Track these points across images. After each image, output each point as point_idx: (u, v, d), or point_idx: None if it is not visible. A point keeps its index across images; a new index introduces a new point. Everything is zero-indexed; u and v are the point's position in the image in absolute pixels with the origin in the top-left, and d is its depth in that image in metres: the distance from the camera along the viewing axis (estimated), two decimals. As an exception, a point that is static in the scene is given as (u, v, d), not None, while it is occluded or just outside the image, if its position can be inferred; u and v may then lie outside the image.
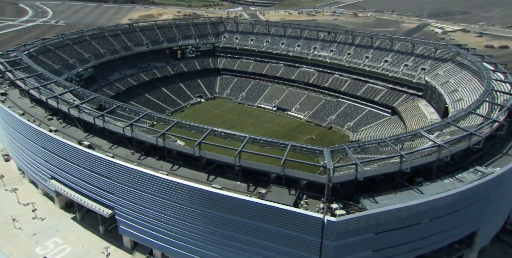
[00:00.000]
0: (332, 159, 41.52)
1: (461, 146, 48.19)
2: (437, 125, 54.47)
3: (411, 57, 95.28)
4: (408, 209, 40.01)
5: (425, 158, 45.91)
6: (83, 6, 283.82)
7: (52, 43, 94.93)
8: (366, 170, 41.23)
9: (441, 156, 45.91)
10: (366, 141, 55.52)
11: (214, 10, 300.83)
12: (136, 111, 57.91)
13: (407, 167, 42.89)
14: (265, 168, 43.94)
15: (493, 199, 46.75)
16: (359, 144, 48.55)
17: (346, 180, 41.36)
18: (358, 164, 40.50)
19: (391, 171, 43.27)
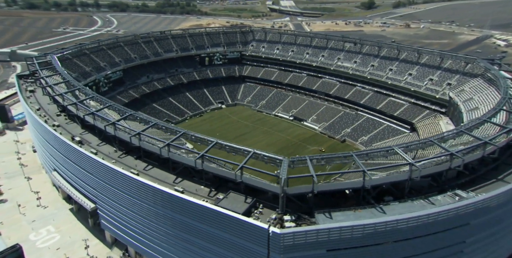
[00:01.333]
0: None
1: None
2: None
3: (437, 71, 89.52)
4: (364, 228, 37.70)
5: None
6: (143, 17, 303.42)
7: (88, 48, 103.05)
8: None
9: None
10: (374, 149, 53.66)
11: (261, 20, 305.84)
12: (146, 120, 56.62)
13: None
14: (225, 174, 43.82)
15: (477, 228, 42.27)
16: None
17: (301, 192, 40.01)
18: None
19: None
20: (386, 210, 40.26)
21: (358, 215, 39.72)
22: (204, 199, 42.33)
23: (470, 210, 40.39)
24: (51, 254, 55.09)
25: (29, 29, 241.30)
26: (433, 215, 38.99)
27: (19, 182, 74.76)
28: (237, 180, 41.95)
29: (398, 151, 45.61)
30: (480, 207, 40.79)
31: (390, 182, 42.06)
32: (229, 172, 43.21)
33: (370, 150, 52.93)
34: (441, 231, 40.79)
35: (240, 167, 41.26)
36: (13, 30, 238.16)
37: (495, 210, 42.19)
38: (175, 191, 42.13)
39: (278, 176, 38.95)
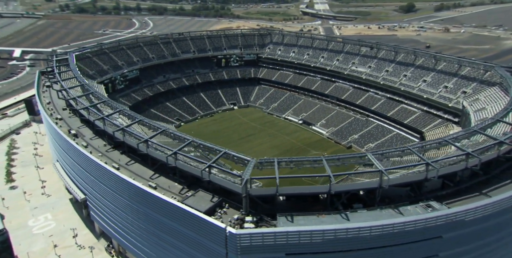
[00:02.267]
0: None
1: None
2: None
3: (453, 78, 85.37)
4: (324, 234, 36.81)
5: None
6: (178, 20, 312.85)
7: (108, 47, 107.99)
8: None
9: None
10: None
11: (292, 23, 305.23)
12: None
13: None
14: (194, 172, 44.27)
15: (451, 242, 39.97)
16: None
17: (265, 193, 39.75)
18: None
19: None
20: (351, 217, 39.17)
21: (320, 221, 38.93)
22: (173, 196, 43.10)
23: (441, 223, 38.35)
24: (43, 240, 58.16)
25: (74, 31, 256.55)
26: (399, 225, 37.45)
27: (31, 171, 79.62)
28: (204, 178, 42.35)
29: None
30: (453, 221, 38.57)
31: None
32: (197, 170, 43.64)
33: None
34: (411, 242, 39.14)
35: (208, 165, 41.66)
36: (60, 32, 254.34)
37: (472, 225, 39.63)
38: (145, 186, 43.15)
39: (240, 176, 38.98)
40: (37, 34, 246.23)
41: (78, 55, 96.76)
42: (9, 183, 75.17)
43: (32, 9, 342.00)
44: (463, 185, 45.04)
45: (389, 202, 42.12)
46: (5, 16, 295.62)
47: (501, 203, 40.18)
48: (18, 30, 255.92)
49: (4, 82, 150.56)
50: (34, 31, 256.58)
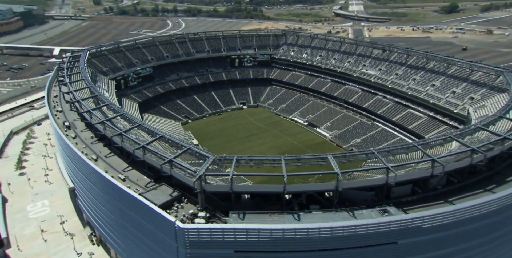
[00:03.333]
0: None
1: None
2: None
3: (463, 83, 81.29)
4: (271, 233, 36.85)
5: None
6: (210, 21, 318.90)
7: (124, 46, 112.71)
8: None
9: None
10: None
11: (321, 25, 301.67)
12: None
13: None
14: (157, 166, 45.37)
15: (408, 248, 38.88)
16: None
17: (219, 190, 40.21)
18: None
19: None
20: (303, 217, 39.01)
21: (271, 220, 38.94)
22: (137, 188, 44.55)
23: (395, 228, 37.28)
24: (35, 225, 61.92)
25: (112, 32, 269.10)
26: (350, 228, 36.90)
27: (41, 159, 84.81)
28: (166, 172, 43.49)
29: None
30: (408, 227, 37.31)
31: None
32: (158, 163, 44.80)
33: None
34: (365, 246, 38.35)
35: (169, 160, 42.76)
36: (100, 32, 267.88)
37: (430, 233, 38.17)
38: (112, 178, 44.94)
39: (195, 171, 39.71)
40: (79, 34, 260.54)
41: (94, 52, 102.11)
42: (19, 170, 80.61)
43: (80, 12, 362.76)
44: (433, 192, 43.39)
45: (350, 205, 41.29)
46: (56, 18, 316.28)
47: (463, 212, 38.52)
48: (64, 30, 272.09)
49: (41, 77, 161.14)
50: (77, 31, 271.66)
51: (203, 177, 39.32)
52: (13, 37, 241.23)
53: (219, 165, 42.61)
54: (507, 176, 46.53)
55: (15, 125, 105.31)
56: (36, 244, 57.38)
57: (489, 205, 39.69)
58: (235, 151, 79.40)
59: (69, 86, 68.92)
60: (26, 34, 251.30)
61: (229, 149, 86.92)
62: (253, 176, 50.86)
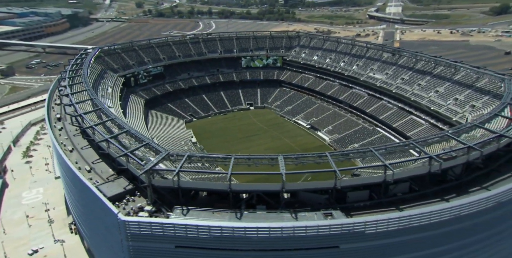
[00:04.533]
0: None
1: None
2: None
3: (467, 90, 76.88)
4: (210, 230, 37.16)
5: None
6: (240, 23, 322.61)
7: (138, 45, 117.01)
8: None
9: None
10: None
11: (352, 27, 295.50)
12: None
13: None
14: (115, 157, 46.76)
15: (349, 253, 38.21)
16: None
17: (166, 185, 40.86)
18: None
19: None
20: (245, 216, 39.07)
21: (214, 217, 39.12)
22: (98, 180, 46.12)
23: (336, 232, 36.70)
24: (23, 211, 65.70)
25: (145, 32, 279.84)
26: (288, 229, 36.67)
27: (44, 150, 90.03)
28: (123, 166, 44.85)
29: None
30: (350, 231, 36.58)
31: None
32: (116, 155, 46.12)
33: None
34: (307, 249, 38.02)
35: (124, 153, 44.08)
36: (134, 33, 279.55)
37: (374, 239, 37.27)
38: (75, 168, 46.96)
39: (143, 166, 40.68)
40: (115, 35, 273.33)
41: (107, 50, 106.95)
42: (26, 158, 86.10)
43: (121, 14, 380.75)
44: (389, 199, 42.10)
45: (299, 207, 40.73)
46: (99, 20, 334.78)
47: (409, 219, 37.29)
48: (103, 31, 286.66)
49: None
50: (114, 32, 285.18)
51: (151, 172, 40.15)
52: (58, 37, 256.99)
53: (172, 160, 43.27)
54: (471, 185, 44.55)
55: (35, 117, 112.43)
56: (21, 228, 61.11)
57: (440, 213, 38.16)
58: (231, 151, 79.74)
59: (71, 97, 63.07)
60: (69, 35, 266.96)
61: (226, 148, 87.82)
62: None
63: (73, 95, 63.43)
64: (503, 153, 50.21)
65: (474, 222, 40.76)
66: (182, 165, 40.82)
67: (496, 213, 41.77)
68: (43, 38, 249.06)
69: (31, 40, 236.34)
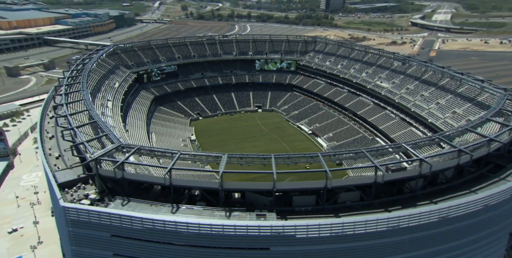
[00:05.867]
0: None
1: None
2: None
3: (467, 103, 72.82)
4: (142, 222, 38.08)
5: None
6: (275, 27, 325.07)
7: (155, 44, 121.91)
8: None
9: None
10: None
11: (390, 35, 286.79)
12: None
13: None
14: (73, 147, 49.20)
15: (279, 255, 38.20)
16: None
17: (110, 176, 42.52)
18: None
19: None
20: (180, 211, 39.91)
21: (152, 209, 40.24)
22: (59, 167, 48.39)
23: (266, 234, 36.85)
24: (18, 192, 70.82)
25: (181, 33, 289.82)
26: (217, 227, 36.94)
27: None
28: (81, 154, 47.27)
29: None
30: (280, 234, 36.68)
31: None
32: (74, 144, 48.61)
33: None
34: (235, 248, 38.43)
35: (80, 143, 46.42)
36: (171, 34, 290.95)
37: (304, 244, 37.16)
38: (43, 154, 50.18)
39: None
40: (154, 35, 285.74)
41: (123, 47, 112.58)
42: (36, 144, 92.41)
43: (164, 16, 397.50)
44: (331, 206, 41.62)
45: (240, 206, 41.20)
46: (144, 21, 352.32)
47: (343, 227, 36.97)
48: (144, 32, 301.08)
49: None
50: (153, 33, 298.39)
51: (98, 161, 42.18)
52: (103, 36, 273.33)
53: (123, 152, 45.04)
54: (424, 198, 43.54)
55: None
56: (10, 208, 66.18)
57: (376, 223, 37.40)
58: (225, 150, 79.62)
59: (65, 108, 57.71)
60: (112, 34, 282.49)
61: (221, 147, 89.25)
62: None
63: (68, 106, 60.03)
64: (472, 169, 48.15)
65: (416, 235, 39.30)
66: (128, 157, 42.52)
67: (442, 229, 39.89)
68: (90, 36, 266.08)
69: (79, 38, 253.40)
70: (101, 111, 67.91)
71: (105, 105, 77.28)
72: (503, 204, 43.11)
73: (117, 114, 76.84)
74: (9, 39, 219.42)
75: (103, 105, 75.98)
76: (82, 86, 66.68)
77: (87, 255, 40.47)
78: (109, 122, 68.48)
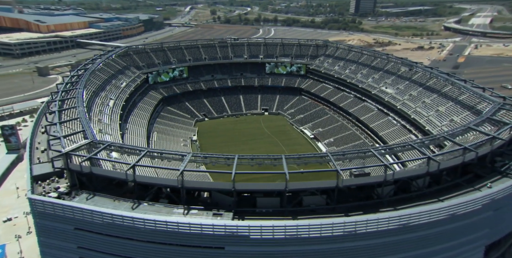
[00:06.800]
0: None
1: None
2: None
3: (466, 112, 69.84)
4: (103, 216, 39.25)
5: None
6: (299, 31, 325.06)
7: (167, 46, 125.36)
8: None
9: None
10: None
11: (419, 39, 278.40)
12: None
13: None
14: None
15: (234, 255, 38.53)
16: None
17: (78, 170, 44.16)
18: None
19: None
20: (140, 208, 40.68)
21: (113, 205, 41.50)
22: (40, 160, 50.93)
23: (220, 233, 37.35)
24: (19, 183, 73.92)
25: (206, 37, 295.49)
26: (173, 224, 37.74)
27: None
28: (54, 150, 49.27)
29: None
30: (234, 234, 37.08)
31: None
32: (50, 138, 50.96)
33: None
34: (191, 246, 38.86)
35: (58, 137, 48.68)
36: (196, 37, 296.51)
37: (258, 244, 37.47)
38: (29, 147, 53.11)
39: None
40: (179, 38, 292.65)
41: (135, 49, 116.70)
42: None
43: (192, 20, 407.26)
44: (293, 209, 42.08)
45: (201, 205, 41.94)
46: (172, 25, 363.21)
47: (297, 230, 36.98)
48: (170, 35, 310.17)
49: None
50: (179, 36, 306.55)
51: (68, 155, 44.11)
52: (131, 39, 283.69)
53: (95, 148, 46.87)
54: (386, 205, 42.67)
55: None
56: (10, 198, 70.18)
57: (331, 228, 37.49)
58: (223, 151, 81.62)
59: (58, 128, 52.27)
60: (140, 37, 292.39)
61: (220, 148, 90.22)
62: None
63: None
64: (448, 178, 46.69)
65: (374, 242, 38.88)
66: (97, 153, 44.28)
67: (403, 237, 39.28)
68: (119, 39, 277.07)
69: (109, 41, 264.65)
70: (98, 118, 70.11)
71: (106, 103, 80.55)
72: (473, 214, 41.25)
73: (117, 112, 79.62)
74: (45, 42, 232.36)
75: (104, 104, 79.24)
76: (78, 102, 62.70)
77: (53, 246, 42.24)
78: (105, 120, 71.63)
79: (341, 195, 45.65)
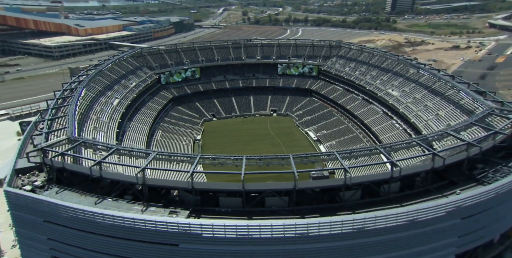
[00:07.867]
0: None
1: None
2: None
3: (464, 116, 65.83)
4: (67, 210, 41.10)
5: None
6: (328, 31, 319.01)
7: (181, 47, 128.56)
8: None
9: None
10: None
11: (457, 38, 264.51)
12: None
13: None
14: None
15: (188, 253, 39.35)
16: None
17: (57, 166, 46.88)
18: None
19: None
20: (103, 203, 42.43)
21: (79, 199, 43.67)
22: (27, 154, 54.37)
23: (173, 230, 38.39)
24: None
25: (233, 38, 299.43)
26: (129, 220, 39.02)
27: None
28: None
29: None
30: (187, 232, 38.14)
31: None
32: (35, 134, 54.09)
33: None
34: (147, 241, 40.03)
35: (40, 133, 51.85)
36: (223, 38, 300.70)
37: (210, 243, 38.27)
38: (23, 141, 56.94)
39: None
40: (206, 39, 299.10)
41: (150, 50, 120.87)
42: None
43: (223, 21, 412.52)
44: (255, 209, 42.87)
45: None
46: (202, 27, 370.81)
47: (248, 229, 37.42)
48: (198, 36, 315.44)
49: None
50: (207, 37, 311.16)
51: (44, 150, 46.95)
52: (161, 41, 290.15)
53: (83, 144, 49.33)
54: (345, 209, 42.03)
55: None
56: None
57: (282, 229, 37.47)
58: (224, 152, 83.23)
59: (45, 124, 55.33)
60: (169, 39, 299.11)
61: (221, 148, 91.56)
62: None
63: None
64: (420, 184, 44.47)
65: (329, 245, 38.74)
66: (69, 149, 46.77)
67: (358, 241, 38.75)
68: (150, 41, 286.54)
69: (140, 43, 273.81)
70: (97, 116, 73.42)
71: (110, 102, 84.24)
72: (437, 221, 39.49)
73: (119, 111, 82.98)
74: (82, 44, 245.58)
75: (108, 103, 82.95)
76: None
77: (27, 236, 45.05)
78: (103, 118, 75.04)
79: (303, 197, 45.32)
